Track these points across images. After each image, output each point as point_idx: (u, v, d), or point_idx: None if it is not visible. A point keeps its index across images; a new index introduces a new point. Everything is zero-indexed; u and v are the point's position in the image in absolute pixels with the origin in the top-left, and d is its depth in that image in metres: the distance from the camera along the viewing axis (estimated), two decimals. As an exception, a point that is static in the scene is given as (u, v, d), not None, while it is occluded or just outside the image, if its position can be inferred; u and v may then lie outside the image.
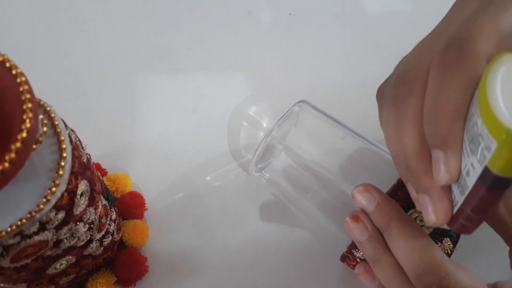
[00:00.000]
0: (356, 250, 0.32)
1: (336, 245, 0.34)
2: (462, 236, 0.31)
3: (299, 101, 0.36)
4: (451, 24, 0.24)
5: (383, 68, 0.28)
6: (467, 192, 0.22)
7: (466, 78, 0.21)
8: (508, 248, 0.32)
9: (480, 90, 0.20)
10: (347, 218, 0.31)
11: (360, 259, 0.33)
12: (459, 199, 0.23)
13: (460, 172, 0.22)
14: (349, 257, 0.33)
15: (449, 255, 0.30)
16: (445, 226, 0.25)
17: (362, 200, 0.30)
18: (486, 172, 0.20)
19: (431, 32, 0.25)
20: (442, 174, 0.22)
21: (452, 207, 0.24)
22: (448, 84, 0.21)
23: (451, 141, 0.22)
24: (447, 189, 0.24)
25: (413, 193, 0.26)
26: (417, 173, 0.24)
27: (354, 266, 0.34)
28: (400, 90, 0.24)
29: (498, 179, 0.20)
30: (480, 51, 0.21)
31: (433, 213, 0.24)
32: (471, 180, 0.21)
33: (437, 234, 0.31)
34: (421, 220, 0.31)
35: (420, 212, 0.26)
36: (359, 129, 0.35)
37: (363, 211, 0.31)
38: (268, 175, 0.36)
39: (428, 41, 0.25)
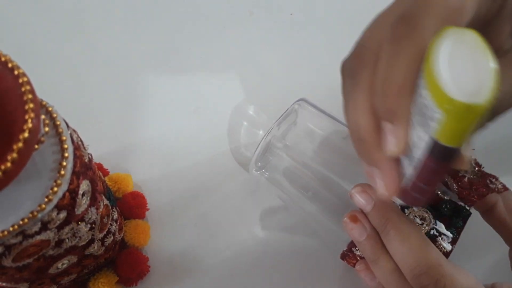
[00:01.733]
0: (356, 248, 0.32)
1: (337, 243, 0.34)
2: (462, 236, 0.31)
3: (299, 100, 0.36)
4: (404, 1, 0.24)
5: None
6: (416, 164, 0.22)
7: (414, 51, 0.21)
8: (508, 248, 0.32)
9: (425, 62, 0.20)
10: (346, 218, 0.31)
11: (360, 257, 0.33)
12: (408, 171, 0.23)
13: (408, 144, 0.22)
14: (349, 255, 0.33)
15: (447, 255, 0.30)
16: (398, 201, 0.25)
17: (360, 200, 0.30)
18: (433, 143, 0.20)
19: (386, 8, 0.26)
20: (390, 146, 0.23)
21: (400, 180, 0.24)
22: (397, 57, 0.22)
23: (398, 113, 0.22)
24: (397, 162, 0.24)
25: (365, 166, 0.26)
26: (368, 146, 0.24)
27: (354, 264, 0.34)
28: (354, 63, 0.25)
29: (446, 149, 0.20)
30: (428, 26, 0.21)
31: (382, 186, 0.24)
32: (419, 152, 0.22)
33: (434, 234, 0.31)
34: (421, 219, 0.31)
35: (418, 212, 0.26)
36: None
37: (361, 211, 0.31)
38: (268, 174, 0.36)
39: (383, 16, 0.25)
